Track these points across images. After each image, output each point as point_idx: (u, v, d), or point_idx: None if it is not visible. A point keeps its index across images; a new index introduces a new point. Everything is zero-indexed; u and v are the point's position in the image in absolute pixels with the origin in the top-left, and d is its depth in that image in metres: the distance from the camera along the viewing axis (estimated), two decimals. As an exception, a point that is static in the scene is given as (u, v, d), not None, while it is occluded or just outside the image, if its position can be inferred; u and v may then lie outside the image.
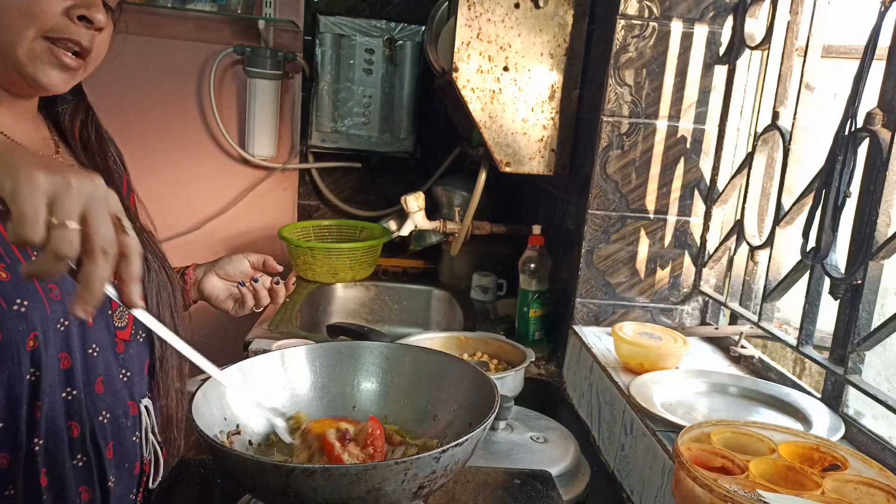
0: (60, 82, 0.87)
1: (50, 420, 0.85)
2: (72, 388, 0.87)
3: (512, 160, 1.67)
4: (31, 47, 0.82)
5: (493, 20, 1.59)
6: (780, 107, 1.28)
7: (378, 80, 2.41)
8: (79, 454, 0.88)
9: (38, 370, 0.83)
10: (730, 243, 1.43)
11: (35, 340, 0.82)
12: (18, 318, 0.80)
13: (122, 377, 0.94)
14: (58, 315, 0.84)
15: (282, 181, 2.58)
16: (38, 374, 0.83)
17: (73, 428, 0.87)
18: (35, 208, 0.58)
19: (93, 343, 0.89)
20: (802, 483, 0.78)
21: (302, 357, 0.90)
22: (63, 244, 0.58)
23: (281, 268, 1.20)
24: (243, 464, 0.66)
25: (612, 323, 1.50)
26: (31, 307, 0.81)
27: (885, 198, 0.99)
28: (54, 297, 0.84)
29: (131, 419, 0.95)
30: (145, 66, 2.45)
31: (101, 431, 0.90)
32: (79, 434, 0.88)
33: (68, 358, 0.86)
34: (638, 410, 1.14)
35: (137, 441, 0.96)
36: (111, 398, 0.92)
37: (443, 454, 0.65)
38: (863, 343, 1.02)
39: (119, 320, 0.94)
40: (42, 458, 0.84)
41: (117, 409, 0.93)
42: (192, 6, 2.25)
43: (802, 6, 1.24)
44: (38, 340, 0.82)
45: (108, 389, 0.91)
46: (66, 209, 0.59)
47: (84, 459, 0.88)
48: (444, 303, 2.25)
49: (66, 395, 0.86)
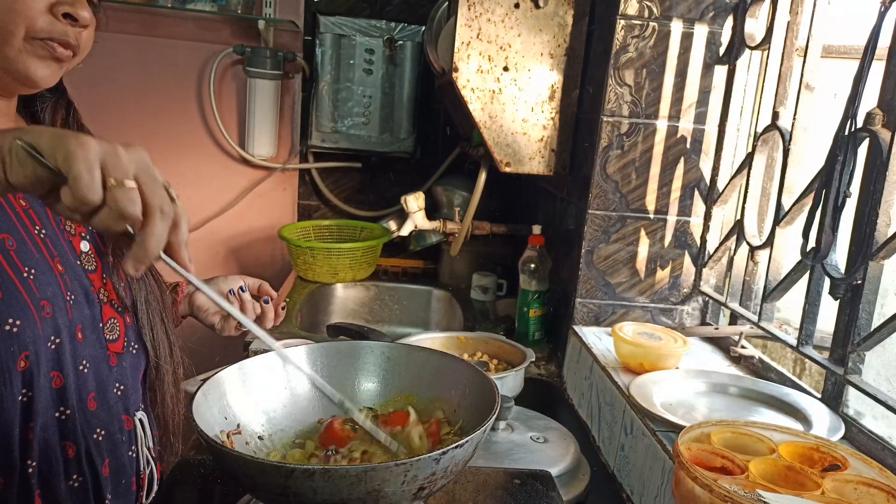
0: (51, 75, 0.85)
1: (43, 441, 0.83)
2: (65, 408, 0.85)
3: (512, 160, 1.67)
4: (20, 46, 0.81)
5: (493, 20, 1.59)
6: (780, 107, 1.28)
7: (378, 80, 2.41)
8: (74, 474, 0.86)
9: (31, 391, 0.81)
10: (730, 243, 1.43)
11: (26, 360, 0.80)
12: (9, 339, 0.78)
13: (115, 391, 0.92)
14: (49, 333, 0.82)
15: (282, 181, 2.58)
16: (30, 395, 0.81)
17: (68, 448, 0.86)
18: (91, 170, 0.59)
19: (83, 359, 0.87)
20: (802, 483, 0.78)
21: (302, 357, 0.89)
22: (126, 202, 0.60)
23: (276, 294, 1.18)
24: (243, 464, 0.66)
25: (612, 323, 1.50)
26: (24, 326, 0.79)
27: (885, 198, 0.99)
28: (46, 315, 0.82)
29: (126, 434, 0.93)
30: (145, 65, 2.45)
31: (97, 449, 0.88)
32: (74, 454, 0.86)
33: (60, 377, 0.84)
34: (638, 410, 1.14)
35: (133, 455, 0.95)
36: (105, 414, 0.90)
37: (443, 455, 0.65)
38: (863, 343, 1.02)
39: (110, 333, 0.92)
40: (36, 479, 0.82)
41: (112, 424, 0.91)
42: (192, 6, 2.25)
43: (802, 6, 1.24)
44: (29, 360, 0.80)
45: (101, 405, 0.90)
46: (122, 170, 0.60)
47: (80, 480, 0.87)
48: (444, 303, 2.25)
49: (59, 414, 0.85)
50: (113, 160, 0.60)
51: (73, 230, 0.91)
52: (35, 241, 0.85)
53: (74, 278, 0.88)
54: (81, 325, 0.87)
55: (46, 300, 0.83)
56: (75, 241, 0.91)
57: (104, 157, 0.60)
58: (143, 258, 0.62)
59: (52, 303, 0.83)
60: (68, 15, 0.82)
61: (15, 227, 0.83)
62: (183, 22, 2.40)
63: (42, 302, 0.82)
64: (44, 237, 0.86)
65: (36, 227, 0.86)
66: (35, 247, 0.85)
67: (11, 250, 0.81)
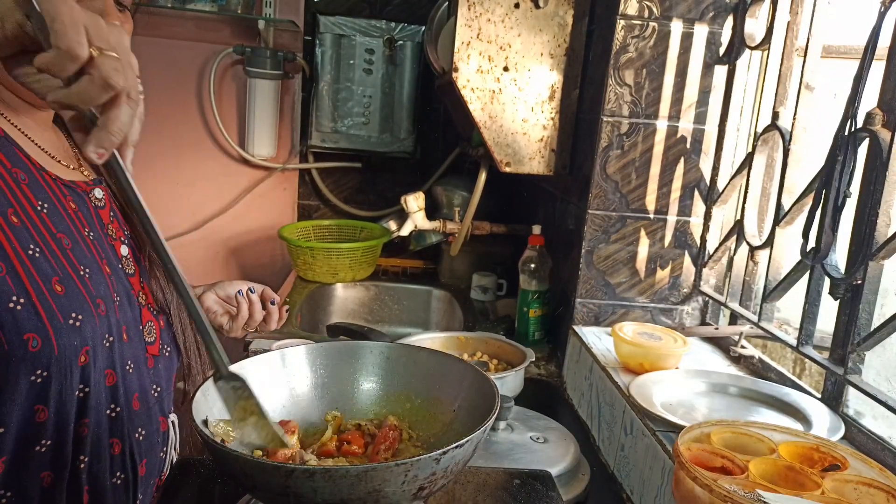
0: None
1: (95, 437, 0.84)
2: (115, 405, 0.86)
3: (512, 160, 1.67)
4: None
5: (493, 20, 1.59)
6: (780, 107, 1.28)
7: (378, 80, 2.41)
8: (118, 471, 0.88)
9: (87, 386, 0.82)
10: (730, 243, 1.43)
11: (87, 356, 0.81)
12: (73, 332, 0.79)
13: (154, 392, 0.94)
14: (104, 330, 0.84)
15: (282, 181, 2.58)
16: (86, 391, 0.82)
17: (115, 445, 0.87)
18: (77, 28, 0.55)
19: (129, 360, 0.89)
20: (802, 483, 0.78)
21: (302, 357, 0.89)
22: (111, 70, 0.56)
23: (279, 298, 1.19)
24: (243, 464, 0.66)
25: (612, 323, 1.50)
26: (85, 321, 0.80)
27: (885, 198, 0.99)
28: (101, 313, 0.83)
29: (161, 435, 0.95)
30: (145, 66, 2.41)
31: (138, 448, 0.90)
32: (119, 451, 0.87)
33: (113, 374, 0.86)
34: (638, 410, 1.14)
35: (164, 457, 0.96)
36: (146, 415, 0.92)
37: (443, 456, 0.65)
38: (863, 343, 1.02)
39: (148, 335, 0.94)
40: (86, 476, 0.83)
41: (150, 425, 0.93)
42: (192, 6, 2.25)
43: (802, 6, 1.24)
44: (89, 356, 0.81)
45: (143, 406, 0.91)
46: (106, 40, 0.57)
47: (122, 477, 0.88)
48: (444, 303, 2.25)
49: (110, 412, 0.86)
50: (97, 28, 0.57)
51: (114, 234, 0.93)
52: (86, 241, 0.87)
53: (118, 280, 0.90)
54: (126, 326, 0.89)
55: (101, 298, 0.84)
56: (117, 245, 0.92)
57: (88, 23, 0.56)
58: (107, 142, 0.58)
59: (105, 301, 0.85)
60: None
61: (69, 228, 0.85)
62: (183, 22, 2.40)
63: (98, 300, 0.84)
64: (93, 239, 0.88)
65: (86, 229, 0.88)
66: (87, 248, 0.86)
67: (68, 249, 0.83)
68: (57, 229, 0.83)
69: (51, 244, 0.81)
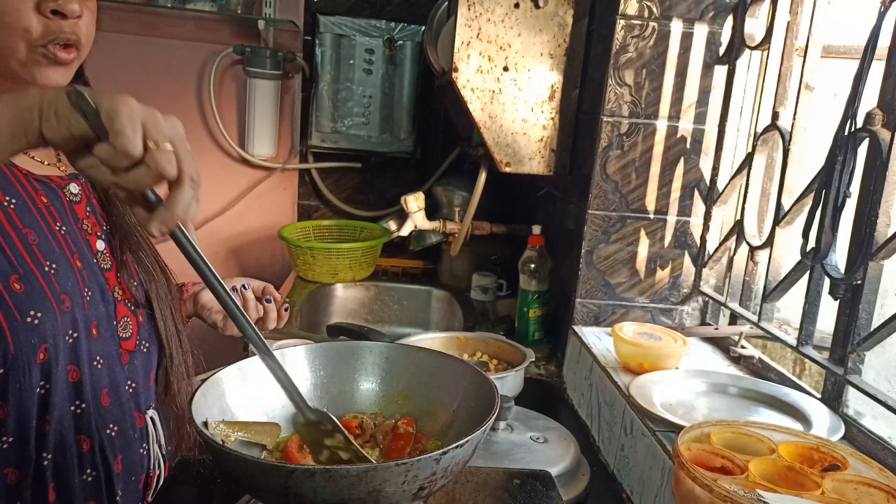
0: (61, 77, 0.86)
1: (59, 434, 0.84)
2: (80, 401, 0.86)
3: (512, 160, 1.67)
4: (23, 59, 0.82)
5: (493, 20, 1.59)
6: (779, 107, 1.28)
7: (378, 80, 2.41)
8: (88, 468, 0.88)
9: (48, 383, 0.82)
10: (730, 243, 1.43)
11: (45, 353, 0.81)
12: (31, 330, 0.80)
13: (127, 388, 0.94)
14: (67, 327, 0.84)
15: (282, 181, 2.58)
16: (47, 387, 0.82)
17: (83, 442, 0.87)
18: (134, 126, 0.60)
19: (97, 355, 0.89)
20: (802, 483, 0.78)
21: (302, 357, 0.89)
22: (165, 162, 0.61)
23: (280, 297, 1.19)
24: (243, 464, 0.66)
25: (612, 323, 1.50)
26: (44, 319, 0.81)
27: (885, 198, 0.99)
28: (65, 309, 0.84)
29: (138, 431, 0.95)
30: (145, 65, 2.44)
31: (110, 445, 0.90)
32: (88, 448, 0.87)
33: (77, 370, 0.86)
34: (638, 410, 1.14)
35: (144, 453, 0.96)
36: (118, 410, 0.91)
37: (443, 456, 0.65)
38: (863, 343, 1.02)
39: (123, 331, 0.94)
40: (51, 472, 0.84)
41: (124, 421, 0.92)
42: (192, 6, 2.25)
43: (802, 6, 1.24)
44: (48, 353, 0.82)
45: (114, 402, 0.91)
46: (162, 133, 0.62)
47: (93, 474, 0.88)
48: (444, 303, 2.25)
49: (74, 408, 0.86)
50: (153, 123, 0.62)
51: (89, 229, 0.93)
52: (56, 236, 0.87)
53: (91, 275, 0.90)
54: (97, 322, 0.89)
55: (66, 294, 0.84)
56: (92, 240, 0.92)
57: (145, 118, 0.61)
58: (170, 221, 0.63)
59: (70, 297, 0.85)
60: (57, 11, 0.82)
61: (37, 223, 0.85)
62: (183, 22, 2.40)
63: (62, 296, 0.84)
64: (64, 234, 0.88)
65: (57, 224, 0.88)
66: (56, 242, 0.86)
67: (34, 245, 0.83)
68: (23, 224, 0.83)
69: (13, 241, 0.81)
